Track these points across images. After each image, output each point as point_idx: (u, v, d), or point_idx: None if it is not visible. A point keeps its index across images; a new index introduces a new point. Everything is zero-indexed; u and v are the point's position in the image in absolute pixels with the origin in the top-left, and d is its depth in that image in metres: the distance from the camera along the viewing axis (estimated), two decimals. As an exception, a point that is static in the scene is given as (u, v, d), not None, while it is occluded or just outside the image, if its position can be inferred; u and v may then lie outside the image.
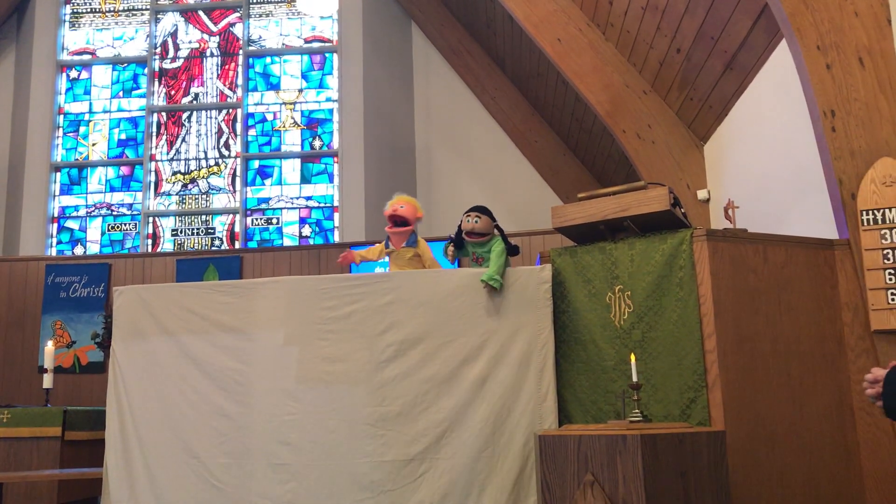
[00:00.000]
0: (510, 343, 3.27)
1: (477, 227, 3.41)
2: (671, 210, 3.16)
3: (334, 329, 3.36)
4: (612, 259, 3.30)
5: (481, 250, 3.46)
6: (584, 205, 3.34)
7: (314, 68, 8.84)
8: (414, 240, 3.62)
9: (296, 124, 8.76)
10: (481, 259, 3.47)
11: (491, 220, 3.45)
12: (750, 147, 4.97)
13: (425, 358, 3.28)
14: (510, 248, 3.38)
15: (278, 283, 3.49)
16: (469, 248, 3.51)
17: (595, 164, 8.02)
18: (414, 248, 3.60)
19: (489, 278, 3.27)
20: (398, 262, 3.62)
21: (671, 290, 3.14)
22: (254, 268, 7.57)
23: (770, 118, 4.62)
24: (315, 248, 7.74)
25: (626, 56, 5.85)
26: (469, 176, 8.56)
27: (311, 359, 3.34)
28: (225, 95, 8.83)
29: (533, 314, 3.29)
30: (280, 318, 3.41)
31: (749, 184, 4.92)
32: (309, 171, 8.63)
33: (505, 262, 3.36)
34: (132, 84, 8.91)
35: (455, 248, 3.48)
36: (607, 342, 3.24)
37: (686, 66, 5.35)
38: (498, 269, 3.29)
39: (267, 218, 8.56)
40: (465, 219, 3.45)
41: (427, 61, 8.84)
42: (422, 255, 3.61)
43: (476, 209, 3.47)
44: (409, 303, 3.35)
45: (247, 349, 3.41)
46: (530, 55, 7.63)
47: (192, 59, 8.89)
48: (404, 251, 3.61)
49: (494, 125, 8.63)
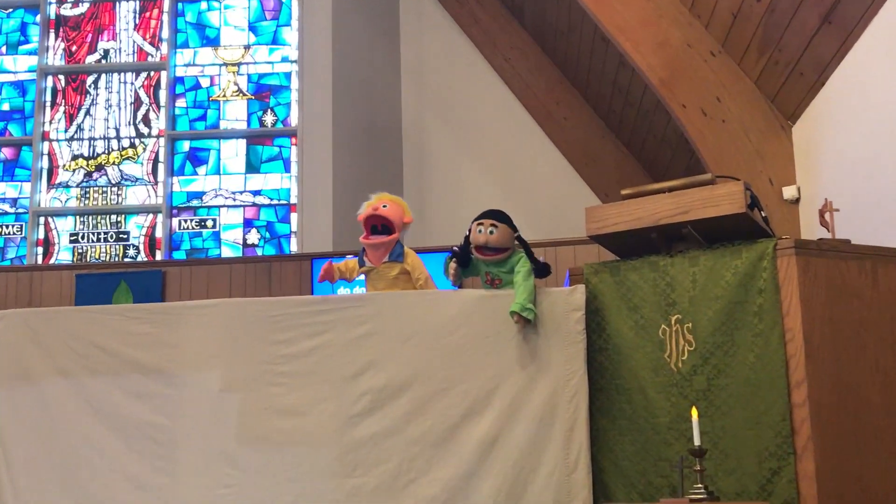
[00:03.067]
0: (528, 392, 3.27)
1: (493, 241, 3.40)
2: (747, 213, 3.17)
3: (290, 371, 3.36)
4: (666, 279, 3.30)
5: (498, 270, 3.45)
6: (630, 205, 3.35)
7: (265, 17, 8.89)
8: (400, 252, 3.61)
9: (240, 93, 8.80)
10: (498, 281, 3.46)
11: (511, 229, 3.45)
12: (854, 130, 4.99)
13: (413, 411, 3.28)
14: (539, 269, 3.38)
15: (214, 309, 3.49)
16: (481, 267, 3.49)
17: (645, 150, 8.05)
18: (400, 262, 3.61)
19: (521, 307, 3.26)
20: (378, 283, 3.62)
21: (747, 322, 3.14)
22: (181, 287, 7.57)
23: (881, 91, 4.64)
24: (265, 260, 7.75)
25: (687, 5, 5.89)
26: (475, 165, 8.59)
27: (257, 411, 3.33)
28: (145, 53, 8.88)
29: (559, 353, 3.30)
30: (216, 356, 3.41)
31: (853, 179, 4.94)
32: (257, 157, 8.66)
33: (534, 285, 3.35)
34: (19, 37, 8.94)
35: (459, 266, 3.46)
36: (660, 392, 3.24)
37: (769, 20, 5.38)
38: (529, 296, 3.28)
39: (200, 220, 8.58)
40: (476, 228, 3.44)
41: (419, 10, 8.90)
42: (411, 271, 3.61)
43: (491, 215, 3.46)
44: (391, 336, 3.35)
45: (170, 398, 3.40)
46: (558, 3, 7.67)
47: (101, 4, 8.94)
48: (387, 268, 3.61)
49: (509, 96, 8.67)
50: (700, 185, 3.26)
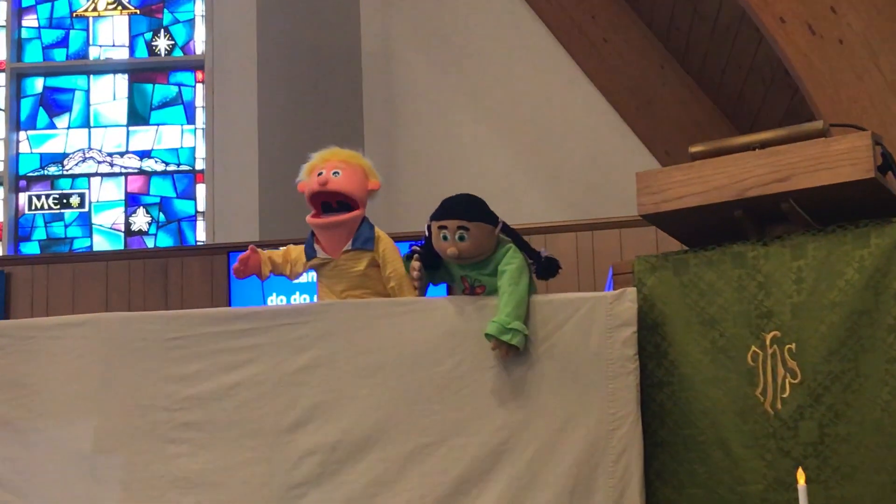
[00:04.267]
0: (553, 449, 3.28)
1: (467, 251, 3.41)
2: (877, 179, 3.17)
3: (196, 421, 3.36)
4: (758, 278, 3.31)
5: (479, 273, 3.49)
6: (703, 169, 3.36)
7: None
8: (369, 237, 3.61)
9: (119, 5, 8.77)
10: (480, 289, 3.50)
11: (490, 224, 3.44)
12: None
13: (381, 480, 3.28)
14: (540, 265, 3.40)
15: (84, 328, 3.49)
16: (455, 271, 3.53)
17: (724, 87, 8.06)
18: (369, 251, 3.61)
19: (499, 328, 3.27)
20: (336, 283, 3.62)
21: (878, 342, 3.14)
22: (33, 294, 7.55)
23: None
24: (158, 255, 7.74)
25: None
26: (469, 111, 8.59)
27: (148, 479, 3.34)
28: (-25, -54, 8.83)
29: (599, 391, 3.30)
30: (86, 398, 3.41)
31: None
32: (145, 102, 8.63)
33: (529, 290, 3.37)
34: None
35: (423, 266, 3.52)
36: (749, 446, 3.24)
37: None
38: (516, 309, 3.30)
39: (60, 195, 8.56)
40: (439, 234, 3.43)
41: None
42: (383, 264, 3.62)
43: (454, 212, 3.42)
44: (347, 368, 3.36)
45: (17, 463, 3.40)
46: None
47: None
48: (350, 260, 3.61)
49: (522, 6, 8.68)
50: (807, 137, 3.27)
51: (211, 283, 7.35)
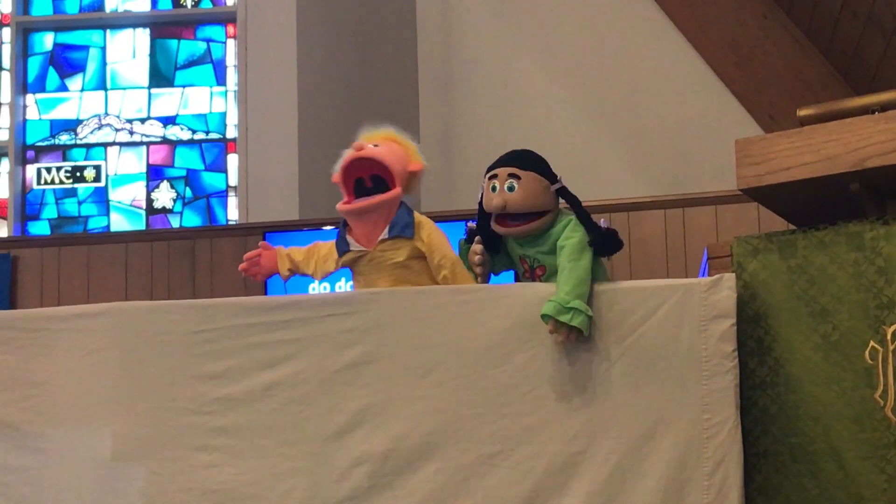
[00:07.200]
0: (638, 460, 3.29)
1: (513, 201, 3.45)
2: None
3: (229, 426, 3.40)
4: (878, 262, 3.29)
5: (536, 250, 3.52)
6: (814, 135, 3.35)
7: None
8: (409, 222, 3.62)
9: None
10: (540, 271, 3.53)
11: (544, 178, 3.49)
12: None
13: (437, 495, 3.30)
14: (600, 240, 3.41)
15: (100, 320, 3.53)
16: (514, 250, 3.57)
17: (837, 38, 8.00)
18: (409, 239, 3.62)
19: (557, 308, 3.28)
20: (375, 276, 3.63)
21: None
22: (43, 280, 7.64)
23: None
24: (185, 236, 7.80)
25: None
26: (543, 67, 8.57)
27: (173, 492, 3.37)
28: None
29: (691, 393, 3.30)
30: (103, 399, 3.45)
31: None
32: (169, 60, 8.69)
33: (592, 268, 3.38)
34: None
35: (485, 249, 3.57)
36: (868, 457, 3.23)
37: None
38: (577, 287, 3.31)
39: (74, 168, 8.63)
40: (489, 185, 3.50)
41: None
42: (428, 253, 3.63)
43: (507, 160, 3.52)
44: (400, 365, 3.38)
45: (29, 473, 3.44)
46: None
47: None
48: (388, 250, 3.62)
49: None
50: (936, 99, 3.25)
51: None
